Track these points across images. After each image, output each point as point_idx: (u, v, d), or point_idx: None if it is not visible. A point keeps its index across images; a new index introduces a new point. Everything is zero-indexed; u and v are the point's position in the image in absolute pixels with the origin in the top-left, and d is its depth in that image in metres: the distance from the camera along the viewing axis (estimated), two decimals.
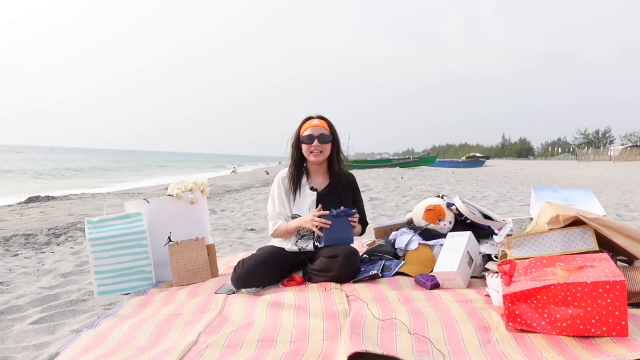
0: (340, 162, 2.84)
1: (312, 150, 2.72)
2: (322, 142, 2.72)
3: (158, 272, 3.01)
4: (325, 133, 2.73)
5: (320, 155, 2.73)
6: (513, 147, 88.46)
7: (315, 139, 2.71)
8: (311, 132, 2.72)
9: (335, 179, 2.82)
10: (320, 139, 2.71)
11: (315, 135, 2.71)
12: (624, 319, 1.61)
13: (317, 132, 2.72)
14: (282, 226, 2.76)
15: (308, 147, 2.73)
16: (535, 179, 15.38)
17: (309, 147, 2.72)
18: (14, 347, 2.05)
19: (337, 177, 2.82)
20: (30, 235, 5.35)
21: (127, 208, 3.11)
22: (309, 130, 2.73)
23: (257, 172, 28.56)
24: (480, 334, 1.74)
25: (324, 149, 2.74)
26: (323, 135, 2.72)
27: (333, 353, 1.70)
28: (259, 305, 2.23)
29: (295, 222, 2.71)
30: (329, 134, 2.75)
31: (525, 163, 44.69)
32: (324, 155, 2.76)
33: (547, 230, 2.17)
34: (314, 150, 2.71)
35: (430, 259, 2.66)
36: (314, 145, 2.71)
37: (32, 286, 3.06)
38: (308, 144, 2.72)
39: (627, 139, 65.96)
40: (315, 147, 2.71)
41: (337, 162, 2.82)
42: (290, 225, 2.73)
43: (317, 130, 2.72)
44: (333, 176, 2.82)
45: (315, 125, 2.73)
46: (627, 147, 45.04)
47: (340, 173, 2.83)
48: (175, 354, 1.72)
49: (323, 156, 2.75)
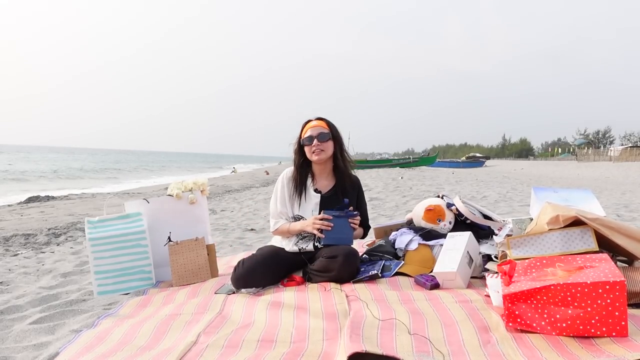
0: (345, 160, 2.85)
1: (314, 150, 2.74)
2: (321, 141, 2.73)
3: (158, 272, 3.01)
4: (323, 131, 2.75)
5: (322, 154, 2.75)
6: (513, 148, 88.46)
7: (314, 139, 2.73)
8: (310, 133, 2.76)
9: (340, 181, 2.83)
10: (319, 137, 2.73)
11: (314, 135, 2.74)
12: (624, 320, 1.61)
13: (315, 132, 2.75)
14: (284, 226, 2.79)
15: (309, 148, 2.76)
16: (535, 179, 15.38)
17: (310, 147, 2.75)
18: (14, 347, 2.05)
19: (343, 178, 2.84)
20: (30, 235, 5.35)
21: (127, 208, 3.11)
22: (308, 132, 2.77)
23: (257, 172, 28.56)
24: (480, 334, 1.74)
25: (325, 147, 2.75)
26: (322, 133, 2.74)
27: (333, 353, 1.70)
28: (259, 305, 2.23)
29: (297, 225, 2.74)
30: (327, 132, 2.77)
31: (525, 163, 44.71)
32: (326, 153, 2.77)
33: (547, 230, 2.17)
34: (315, 149, 2.73)
35: (430, 259, 2.66)
36: (314, 144, 2.73)
37: (32, 286, 3.06)
38: (309, 145, 2.76)
39: (627, 139, 65.96)
40: (316, 145, 2.73)
41: (343, 160, 2.83)
42: (292, 227, 2.76)
43: (315, 130, 2.76)
44: (339, 176, 2.84)
45: (314, 126, 2.78)
46: (627, 148, 45.03)
47: (346, 173, 2.85)
48: (175, 354, 1.72)
49: (325, 155, 2.76)
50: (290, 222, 2.79)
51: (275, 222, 2.83)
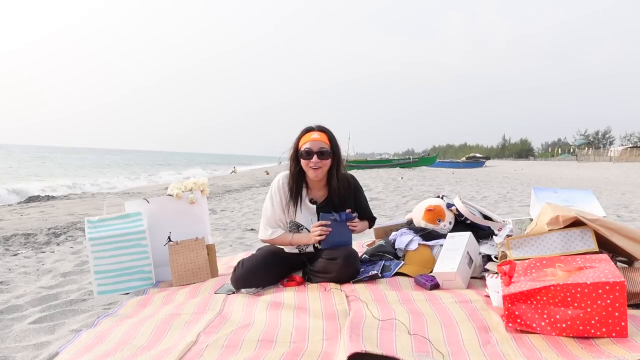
0: (339, 176, 2.71)
1: (312, 167, 2.59)
2: (321, 159, 2.58)
3: (158, 272, 3.01)
4: (324, 148, 2.59)
5: (319, 171, 2.61)
6: (513, 148, 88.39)
7: (314, 155, 2.57)
8: (310, 146, 2.58)
9: (335, 189, 2.71)
10: (320, 154, 2.57)
11: (314, 151, 2.57)
12: (624, 320, 1.61)
13: (316, 147, 2.58)
14: (284, 237, 2.70)
15: (307, 163, 2.60)
16: (535, 179, 15.38)
17: (308, 162, 2.59)
18: (14, 347, 2.05)
19: (336, 189, 2.71)
20: (30, 235, 5.35)
21: (127, 208, 3.11)
22: (308, 144, 2.59)
23: (257, 172, 28.55)
24: (480, 335, 1.74)
25: (323, 164, 2.60)
26: (322, 151, 2.58)
27: (333, 353, 1.70)
28: (259, 305, 2.23)
29: (300, 239, 2.68)
30: (328, 150, 2.61)
31: (526, 164, 44.69)
32: (323, 171, 2.63)
33: (547, 231, 2.17)
34: (314, 166, 2.59)
35: (430, 259, 2.66)
36: (312, 161, 2.57)
37: (32, 286, 3.06)
38: (307, 160, 2.59)
39: (627, 140, 65.94)
40: (315, 163, 2.57)
41: (337, 176, 2.69)
42: (294, 239, 2.69)
43: (316, 145, 2.58)
44: (331, 189, 2.71)
45: (315, 140, 2.59)
46: (627, 148, 45.03)
47: (339, 186, 2.70)
48: (175, 354, 1.72)
49: (322, 172, 2.63)
50: (293, 234, 2.71)
51: (273, 231, 2.70)
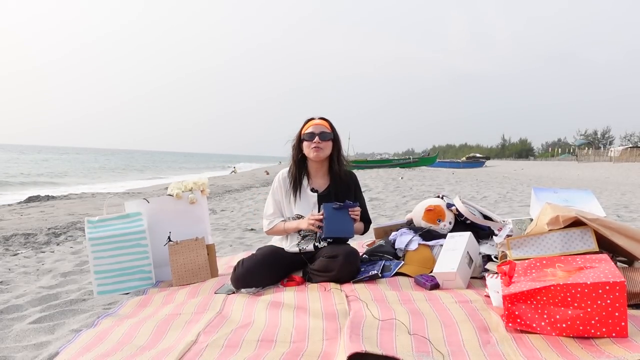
0: (340, 163, 2.85)
1: (313, 147, 2.73)
2: (322, 140, 2.73)
3: (158, 272, 3.01)
4: (326, 131, 2.75)
5: (321, 152, 2.74)
6: (513, 148, 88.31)
7: (316, 136, 2.73)
8: (312, 129, 2.75)
9: (335, 180, 2.83)
10: (321, 136, 2.73)
11: (316, 133, 2.73)
12: (624, 320, 1.61)
13: (318, 130, 2.74)
14: (279, 225, 2.79)
15: (309, 144, 2.74)
16: (535, 179, 15.38)
17: (310, 143, 2.74)
18: (14, 347, 2.05)
19: (338, 177, 2.83)
20: (30, 235, 5.35)
21: (127, 208, 3.11)
22: (310, 128, 2.76)
23: (257, 172, 28.55)
24: (480, 335, 1.74)
25: (325, 146, 2.75)
26: (324, 133, 2.74)
27: (333, 353, 1.70)
28: (259, 305, 2.23)
29: (293, 224, 2.74)
30: (329, 132, 2.77)
31: (526, 164, 44.69)
32: (325, 153, 2.77)
33: (547, 231, 2.17)
34: (315, 146, 2.73)
35: (430, 259, 2.66)
36: (314, 141, 2.72)
37: (32, 286, 3.06)
38: (309, 141, 2.74)
39: (627, 140, 65.91)
40: (316, 143, 2.72)
41: (338, 163, 2.83)
42: (288, 225, 2.76)
43: (318, 128, 2.75)
44: (333, 177, 2.83)
45: (317, 124, 2.77)
46: (627, 148, 45.00)
47: (340, 173, 2.84)
48: (175, 354, 1.72)
49: (324, 154, 2.76)
50: (286, 221, 2.79)
51: (270, 221, 2.83)
